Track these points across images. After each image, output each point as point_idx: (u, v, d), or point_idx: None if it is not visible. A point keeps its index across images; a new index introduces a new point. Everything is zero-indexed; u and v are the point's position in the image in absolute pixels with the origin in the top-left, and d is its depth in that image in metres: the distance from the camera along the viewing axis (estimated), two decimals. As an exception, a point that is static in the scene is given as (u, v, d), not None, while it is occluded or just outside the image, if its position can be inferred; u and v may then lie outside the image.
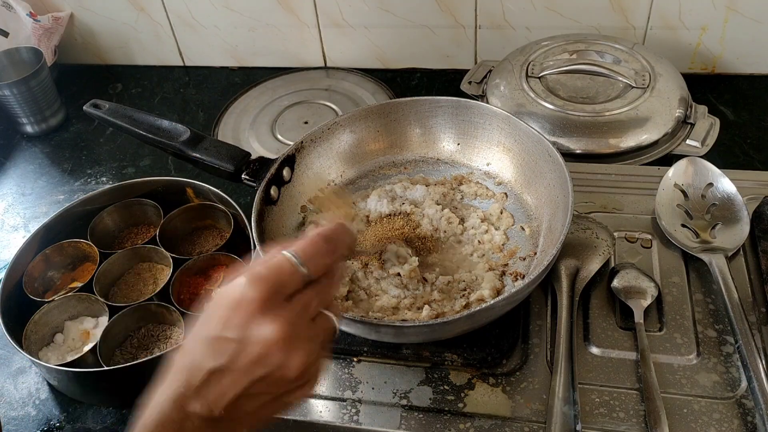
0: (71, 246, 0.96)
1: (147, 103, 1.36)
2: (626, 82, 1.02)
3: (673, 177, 0.84)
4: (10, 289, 0.90)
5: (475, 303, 0.71)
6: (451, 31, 1.27)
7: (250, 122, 1.26)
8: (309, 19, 1.31)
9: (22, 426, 0.83)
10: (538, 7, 1.20)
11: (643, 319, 0.72)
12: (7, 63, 1.28)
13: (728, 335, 0.71)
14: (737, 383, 0.67)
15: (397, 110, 0.88)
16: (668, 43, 1.19)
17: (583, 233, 0.80)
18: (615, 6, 1.17)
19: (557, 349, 0.68)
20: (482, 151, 0.87)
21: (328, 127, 0.86)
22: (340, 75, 1.36)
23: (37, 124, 1.29)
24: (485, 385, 0.69)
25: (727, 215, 0.80)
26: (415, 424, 0.67)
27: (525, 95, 1.03)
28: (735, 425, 0.63)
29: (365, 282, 0.75)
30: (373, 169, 0.90)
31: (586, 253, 0.78)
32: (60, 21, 1.36)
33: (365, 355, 0.73)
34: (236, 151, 0.84)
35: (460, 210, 0.83)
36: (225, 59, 1.42)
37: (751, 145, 1.08)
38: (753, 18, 1.14)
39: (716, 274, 0.74)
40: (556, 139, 0.97)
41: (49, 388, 0.87)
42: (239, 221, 0.97)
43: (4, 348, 0.91)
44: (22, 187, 1.19)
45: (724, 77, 1.22)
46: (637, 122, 0.97)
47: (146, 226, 1.03)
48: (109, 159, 1.23)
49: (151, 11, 1.35)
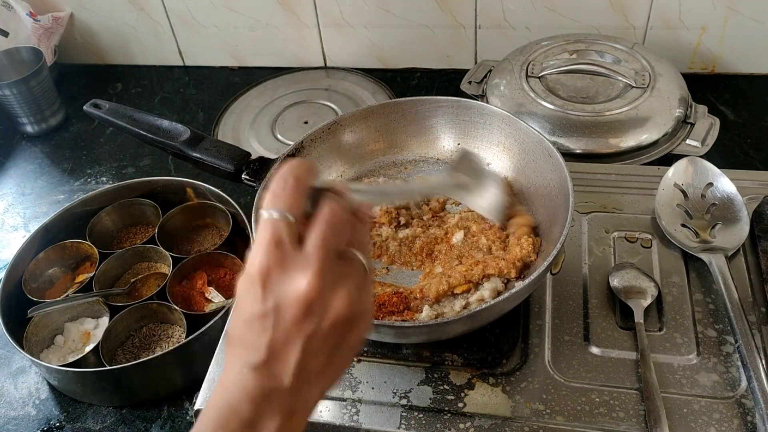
0: (71, 246, 0.97)
1: (147, 103, 1.36)
2: (626, 82, 1.02)
3: (673, 177, 0.84)
4: (10, 289, 0.90)
5: (475, 303, 0.71)
6: (451, 31, 1.27)
7: (250, 122, 1.26)
8: (309, 19, 1.31)
9: (22, 426, 0.83)
10: (538, 7, 1.20)
11: (643, 318, 0.72)
12: (7, 63, 1.28)
13: (728, 335, 0.71)
14: (737, 383, 0.67)
15: (397, 110, 0.88)
16: (668, 42, 1.19)
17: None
18: (615, 6, 1.17)
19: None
20: (482, 151, 0.87)
21: (328, 127, 0.86)
22: (340, 75, 1.36)
23: (37, 124, 1.29)
24: (485, 385, 0.69)
25: (727, 215, 0.80)
26: (415, 423, 0.67)
27: (525, 95, 1.03)
28: (735, 425, 0.63)
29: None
30: (373, 169, 0.90)
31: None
32: (60, 21, 1.36)
33: (365, 354, 0.73)
34: (236, 151, 0.84)
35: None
36: (225, 59, 1.42)
37: (751, 145, 1.08)
38: (753, 18, 1.14)
39: (716, 273, 0.74)
40: (556, 139, 0.97)
41: (49, 388, 0.87)
42: (238, 220, 0.97)
43: (4, 348, 0.91)
44: (22, 187, 1.19)
45: (724, 77, 1.22)
46: (637, 122, 0.97)
47: (145, 226, 1.04)
48: (108, 159, 1.23)
49: (151, 11, 1.35)
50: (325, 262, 0.44)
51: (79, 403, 0.85)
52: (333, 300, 0.45)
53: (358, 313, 0.46)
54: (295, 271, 0.44)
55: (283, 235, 0.45)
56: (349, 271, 0.47)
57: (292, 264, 0.44)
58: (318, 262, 0.44)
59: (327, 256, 0.45)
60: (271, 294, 0.44)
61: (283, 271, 0.44)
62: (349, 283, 0.46)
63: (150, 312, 0.89)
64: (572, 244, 0.82)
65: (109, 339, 0.85)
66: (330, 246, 0.45)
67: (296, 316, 0.44)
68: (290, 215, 0.45)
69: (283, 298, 0.44)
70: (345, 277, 0.46)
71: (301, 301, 0.43)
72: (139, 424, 0.82)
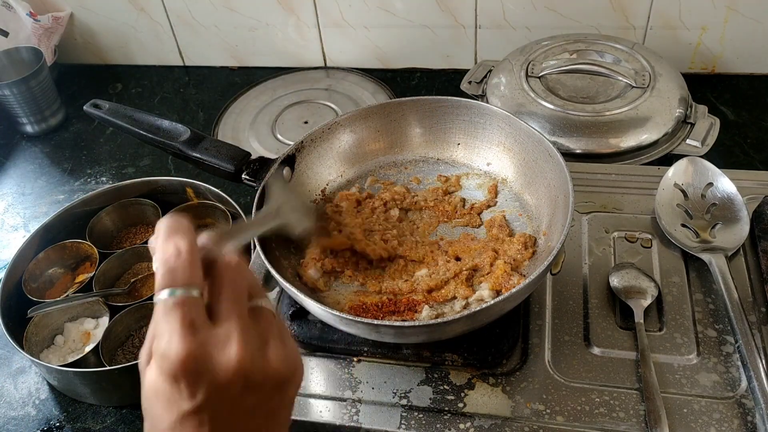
0: (71, 246, 0.97)
1: (147, 103, 1.36)
2: (626, 81, 1.02)
3: (673, 177, 0.84)
4: (10, 289, 0.90)
5: (475, 303, 0.71)
6: (451, 31, 1.27)
7: (250, 122, 1.26)
8: (309, 19, 1.31)
9: (22, 426, 0.83)
10: (538, 7, 1.20)
11: (643, 318, 0.72)
12: (7, 63, 1.28)
13: (728, 335, 0.71)
14: (737, 383, 0.67)
15: (397, 110, 0.88)
16: (668, 42, 1.19)
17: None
18: (615, 6, 1.17)
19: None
20: (482, 151, 0.87)
21: (328, 127, 0.86)
22: (340, 75, 1.36)
23: (37, 124, 1.29)
24: (485, 385, 0.69)
25: (727, 215, 0.80)
26: (415, 423, 0.67)
27: (525, 95, 1.03)
28: (735, 425, 0.63)
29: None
30: (373, 169, 0.90)
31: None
32: (60, 21, 1.36)
33: (365, 355, 0.73)
34: (236, 151, 0.84)
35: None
36: (225, 59, 1.42)
37: (751, 145, 1.08)
38: (753, 18, 1.14)
39: (716, 273, 0.74)
40: (556, 139, 0.97)
41: (49, 388, 0.87)
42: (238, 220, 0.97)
43: (4, 348, 0.91)
44: (22, 187, 1.19)
45: (724, 77, 1.22)
46: (637, 122, 0.97)
47: (144, 226, 1.03)
48: (108, 159, 1.23)
49: (151, 11, 1.35)
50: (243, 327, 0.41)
51: (79, 403, 0.85)
52: (266, 361, 0.41)
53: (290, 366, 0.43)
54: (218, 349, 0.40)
55: (194, 315, 0.40)
56: (265, 324, 0.43)
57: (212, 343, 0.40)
58: (237, 330, 0.40)
59: (242, 320, 0.41)
60: (201, 384, 0.39)
61: (206, 354, 0.39)
62: (272, 337, 0.43)
63: (150, 312, 0.88)
64: (572, 244, 0.82)
65: (109, 339, 0.85)
66: (241, 308, 0.42)
67: (235, 393, 0.40)
68: (195, 290, 0.41)
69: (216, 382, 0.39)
70: (265, 333, 0.43)
71: (237, 376, 0.40)
72: (139, 424, 0.82)
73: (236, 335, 0.40)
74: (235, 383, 0.40)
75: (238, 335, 0.40)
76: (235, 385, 0.40)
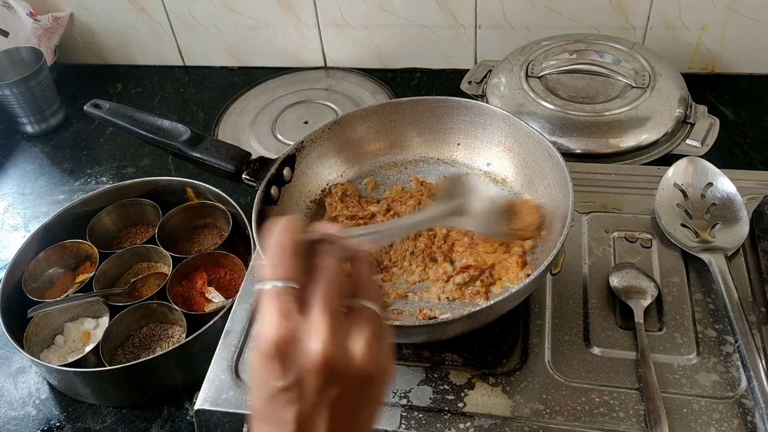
0: (71, 246, 0.97)
1: (147, 103, 1.36)
2: (626, 82, 1.02)
3: (673, 177, 0.84)
4: (10, 289, 0.90)
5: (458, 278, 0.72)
6: (451, 31, 1.27)
7: (250, 122, 1.26)
8: (309, 19, 1.31)
9: (22, 426, 0.83)
10: (538, 7, 1.20)
11: (643, 318, 0.72)
12: (7, 63, 1.28)
13: (728, 335, 0.71)
14: (737, 383, 0.67)
15: (397, 110, 0.88)
16: (668, 42, 1.19)
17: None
18: (615, 6, 1.17)
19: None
20: (482, 151, 0.87)
21: (328, 127, 0.86)
22: (340, 75, 1.36)
23: (37, 124, 1.29)
24: (485, 384, 0.69)
25: (726, 215, 0.80)
26: (415, 423, 0.67)
27: (525, 95, 1.03)
28: (735, 425, 0.63)
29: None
30: (373, 169, 0.90)
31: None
32: (60, 21, 1.36)
33: (365, 354, 0.73)
34: (236, 150, 0.84)
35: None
36: (225, 59, 1.42)
37: (751, 145, 1.08)
38: (753, 18, 1.14)
39: (716, 273, 0.74)
40: (556, 139, 0.97)
41: (49, 388, 0.87)
42: (238, 220, 0.97)
43: (4, 348, 0.91)
44: (22, 187, 1.19)
45: (724, 77, 1.22)
46: (637, 122, 0.97)
47: (145, 226, 1.04)
48: (109, 159, 1.23)
49: (151, 11, 1.35)
50: (332, 322, 0.44)
51: (79, 403, 0.85)
52: (350, 358, 0.44)
53: (377, 366, 0.46)
54: (307, 338, 0.43)
55: (290, 305, 0.44)
56: (361, 323, 0.46)
57: (303, 330, 0.44)
58: (325, 324, 0.44)
59: (333, 316, 0.44)
60: (290, 366, 0.43)
61: (296, 341, 0.44)
62: (363, 337, 0.45)
63: (150, 312, 0.89)
64: (572, 244, 0.82)
65: (109, 339, 0.85)
66: (333, 305, 0.45)
67: (318, 383, 0.43)
68: (293, 283, 0.45)
69: (303, 367, 0.43)
70: (357, 332, 0.45)
71: (320, 368, 0.43)
72: (139, 424, 0.82)
73: (323, 327, 0.43)
74: (319, 371, 0.43)
75: (324, 328, 0.43)
76: (320, 373, 0.43)
